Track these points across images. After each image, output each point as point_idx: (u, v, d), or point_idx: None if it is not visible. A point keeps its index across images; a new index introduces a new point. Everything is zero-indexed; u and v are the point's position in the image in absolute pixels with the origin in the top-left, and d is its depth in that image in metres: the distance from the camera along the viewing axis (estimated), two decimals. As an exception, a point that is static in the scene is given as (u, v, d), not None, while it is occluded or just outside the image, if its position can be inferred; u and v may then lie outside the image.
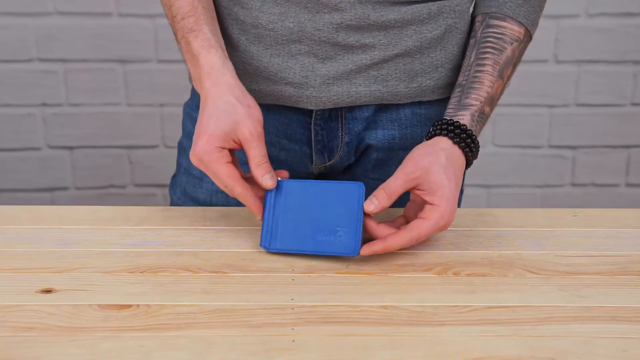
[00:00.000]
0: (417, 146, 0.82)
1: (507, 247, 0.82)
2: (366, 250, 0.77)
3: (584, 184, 2.00)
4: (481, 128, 0.87)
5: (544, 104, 1.93)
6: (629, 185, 2.01)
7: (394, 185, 0.78)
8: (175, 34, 0.88)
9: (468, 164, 0.84)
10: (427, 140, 0.84)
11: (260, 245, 0.79)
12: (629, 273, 0.77)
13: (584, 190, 2.01)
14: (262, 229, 0.80)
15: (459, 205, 1.04)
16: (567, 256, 0.80)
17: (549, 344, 0.64)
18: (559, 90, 1.92)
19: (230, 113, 0.79)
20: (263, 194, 0.81)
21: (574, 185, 2.01)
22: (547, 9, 1.78)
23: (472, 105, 0.86)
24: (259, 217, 0.80)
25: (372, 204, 0.78)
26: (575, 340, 0.65)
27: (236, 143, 0.80)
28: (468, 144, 0.82)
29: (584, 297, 0.72)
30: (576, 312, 0.69)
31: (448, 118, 0.84)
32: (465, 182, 1.05)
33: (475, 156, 0.84)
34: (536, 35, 1.94)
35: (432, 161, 0.79)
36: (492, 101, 0.87)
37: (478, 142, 0.84)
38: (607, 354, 0.63)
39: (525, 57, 2.10)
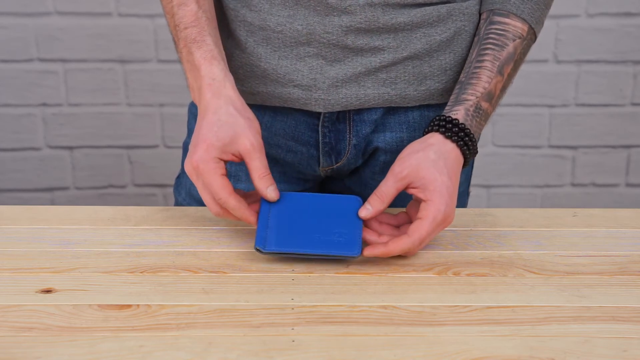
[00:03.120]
0: (408, 145, 0.82)
1: (507, 247, 0.82)
2: (368, 252, 0.77)
3: (584, 184, 2.00)
4: (479, 123, 0.86)
5: (544, 104, 1.93)
6: (629, 185, 2.01)
7: (385, 187, 0.79)
8: (175, 43, 0.88)
9: (466, 159, 0.83)
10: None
11: (255, 245, 0.77)
12: (629, 273, 0.77)
13: (584, 190, 2.01)
14: (257, 231, 0.78)
15: (464, 206, 1.03)
16: (567, 256, 0.80)
17: (549, 344, 0.64)
18: (559, 90, 1.92)
19: (231, 124, 0.79)
20: (254, 209, 0.81)
21: (574, 185, 2.01)
22: (547, 9, 1.77)
23: (467, 100, 0.85)
24: (255, 225, 0.80)
25: (366, 209, 0.79)
26: (574, 340, 0.65)
27: (235, 156, 0.80)
28: (461, 137, 0.82)
29: (584, 297, 0.72)
30: (576, 312, 0.69)
31: (442, 115, 0.84)
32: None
33: (472, 151, 0.84)
34: (536, 35, 1.89)
35: (420, 157, 0.79)
36: (490, 97, 0.87)
37: (473, 136, 0.83)
38: (607, 354, 0.63)
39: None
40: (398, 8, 0.87)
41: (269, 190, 0.80)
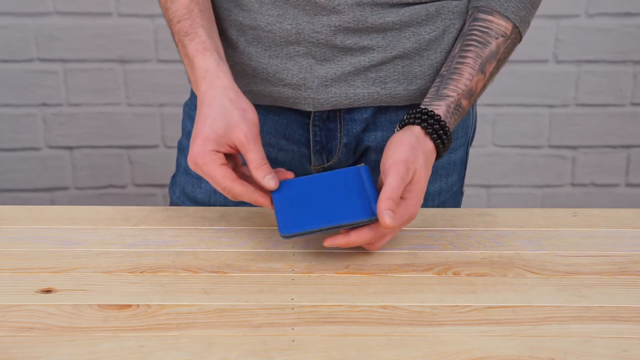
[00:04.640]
0: (397, 143, 0.80)
1: (507, 247, 0.82)
2: (329, 242, 0.76)
3: (584, 184, 2.00)
4: (456, 120, 0.86)
5: (544, 104, 1.93)
6: (629, 185, 2.01)
7: (399, 191, 0.76)
8: (173, 37, 0.89)
9: (438, 155, 0.84)
10: (399, 128, 0.84)
11: (280, 233, 0.77)
12: (629, 273, 0.77)
13: (584, 190, 2.01)
14: (277, 218, 0.78)
15: (458, 205, 1.04)
16: (567, 256, 0.80)
17: (549, 344, 0.64)
18: (559, 90, 1.92)
19: (224, 116, 0.79)
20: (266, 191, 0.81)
21: (574, 185, 2.00)
22: (547, 9, 1.78)
23: (448, 96, 0.85)
24: (269, 207, 0.80)
25: (390, 217, 0.74)
26: (574, 340, 0.65)
27: (231, 147, 0.80)
28: (440, 135, 0.82)
29: (584, 297, 0.72)
30: (576, 312, 0.69)
31: (423, 107, 0.84)
32: (465, 182, 1.05)
33: (446, 149, 0.84)
34: (536, 35, 1.93)
35: (419, 162, 0.79)
36: (470, 95, 0.87)
37: (451, 135, 0.84)
38: (607, 354, 0.63)
39: (525, 57, 2.09)
40: (387, 7, 0.87)
41: (266, 179, 0.79)
